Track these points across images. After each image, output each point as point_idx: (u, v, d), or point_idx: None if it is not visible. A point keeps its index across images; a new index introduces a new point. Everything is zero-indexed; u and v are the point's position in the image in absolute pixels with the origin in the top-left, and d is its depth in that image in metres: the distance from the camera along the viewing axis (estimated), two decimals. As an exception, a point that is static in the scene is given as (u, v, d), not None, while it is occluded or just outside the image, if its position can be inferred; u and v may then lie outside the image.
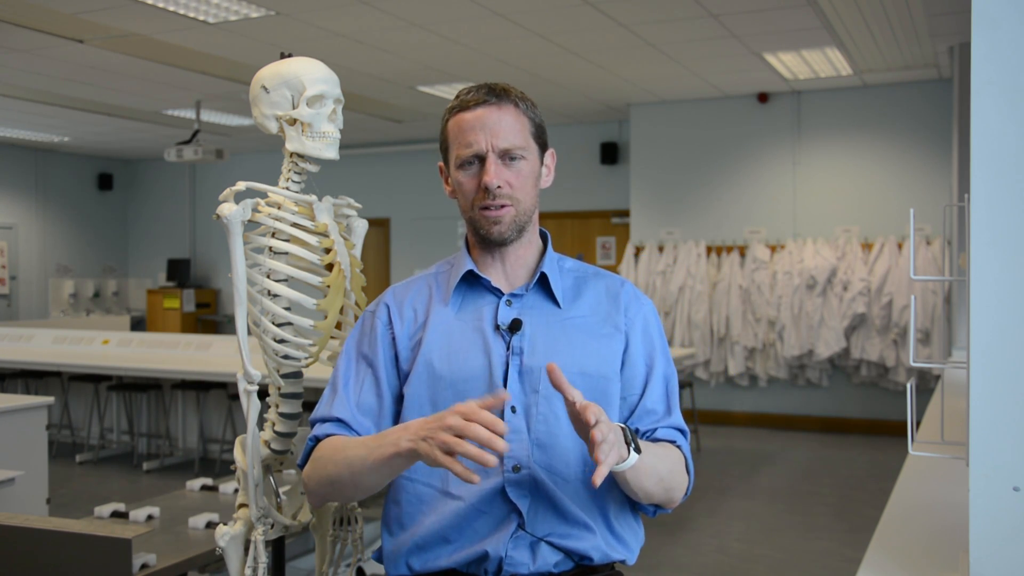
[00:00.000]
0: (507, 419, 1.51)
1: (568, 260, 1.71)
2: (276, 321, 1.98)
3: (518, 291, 1.61)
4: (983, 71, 1.29)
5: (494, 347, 1.56)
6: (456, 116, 1.58)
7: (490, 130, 1.55)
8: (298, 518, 2.11)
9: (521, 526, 1.50)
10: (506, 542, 1.49)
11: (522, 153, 1.57)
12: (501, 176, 1.55)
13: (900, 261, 7.76)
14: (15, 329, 8.02)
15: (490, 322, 1.58)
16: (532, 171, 1.60)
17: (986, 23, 1.28)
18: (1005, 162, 1.28)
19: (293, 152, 1.97)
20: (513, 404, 1.53)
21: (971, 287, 1.29)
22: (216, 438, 6.76)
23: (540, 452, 1.52)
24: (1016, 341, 1.27)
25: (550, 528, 1.52)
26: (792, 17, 5.91)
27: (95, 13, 5.66)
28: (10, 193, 11.58)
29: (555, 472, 1.52)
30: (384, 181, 11.07)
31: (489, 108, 1.56)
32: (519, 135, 1.57)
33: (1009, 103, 1.28)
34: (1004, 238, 1.28)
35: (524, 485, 1.51)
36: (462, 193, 1.59)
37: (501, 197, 1.56)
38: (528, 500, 1.51)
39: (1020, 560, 1.27)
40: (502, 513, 1.51)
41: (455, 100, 1.60)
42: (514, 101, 1.58)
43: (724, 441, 7.72)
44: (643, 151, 8.86)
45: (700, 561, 4.51)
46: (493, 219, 1.57)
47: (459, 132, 1.57)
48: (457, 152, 1.57)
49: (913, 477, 2.35)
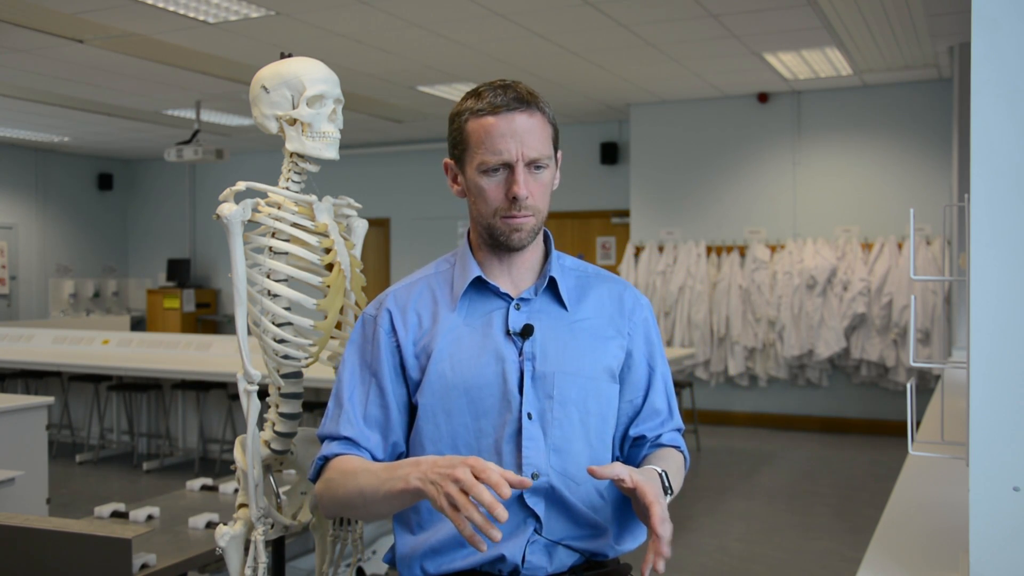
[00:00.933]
0: (524, 426, 1.51)
1: (567, 258, 1.70)
2: (276, 321, 1.98)
3: (526, 295, 1.60)
4: (983, 71, 1.29)
5: (507, 353, 1.54)
6: (482, 119, 1.53)
7: (520, 139, 1.51)
8: (298, 518, 2.11)
9: (538, 531, 1.52)
10: (523, 546, 1.50)
11: (547, 162, 1.56)
12: (529, 187, 1.53)
13: (900, 261, 7.76)
14: (15, 329, 8.02)
15: (500, 328, 1.57)
16: (551, 178, 1.59)
17: (986, 23, 1.28)
18: (1005, 162, 1.28)
19: (293, 152, 1.97)
20: (529, 411, 1.52)
21: (971, 287, 1.29)
22: (216, 438, 6.76)
23: (556, 457, 1.52)
24: (1016, 341, 1.27)
25: (565, 531, 1.53)
26: (792, 17, 5.91)
27: (95, 13, 5.66)
28: (10, 193, 11.58)
29: (569, 476, 1.53)
30: (384, 181, 11.07)
31: (519, 115, 1.52)
32: (547, 145, 1.55)
33: (1009, 103, 1.28)
34: (1004, 238, 1.28)
35: (541, 491, 1.51)
36: (483, 199, 1.55)
37: (527, 208, 1.54)
38: (544, 505, 1.52)
39: (1020, 560, 1.27)
40: (519, 518, 1.51)
41: (478, 101, 1.54)
42: (541, 108, 1.56)
43: (724, 441, 7.72)
44: (643, 151, 8.86)
45: (700, 561, 4.51)
46: (515, 226, 1.55)
47: (486, 137, 1.52)
48: (483, 158, 1.52)
49: (913, 477, 2.35)
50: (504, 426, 1.51)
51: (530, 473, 1.50)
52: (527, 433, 1.51)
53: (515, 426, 1.51)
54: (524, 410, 1.51)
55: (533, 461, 1.50)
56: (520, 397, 1.52)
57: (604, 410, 1.59)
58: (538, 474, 1.50)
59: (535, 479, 1.50)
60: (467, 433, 1.53)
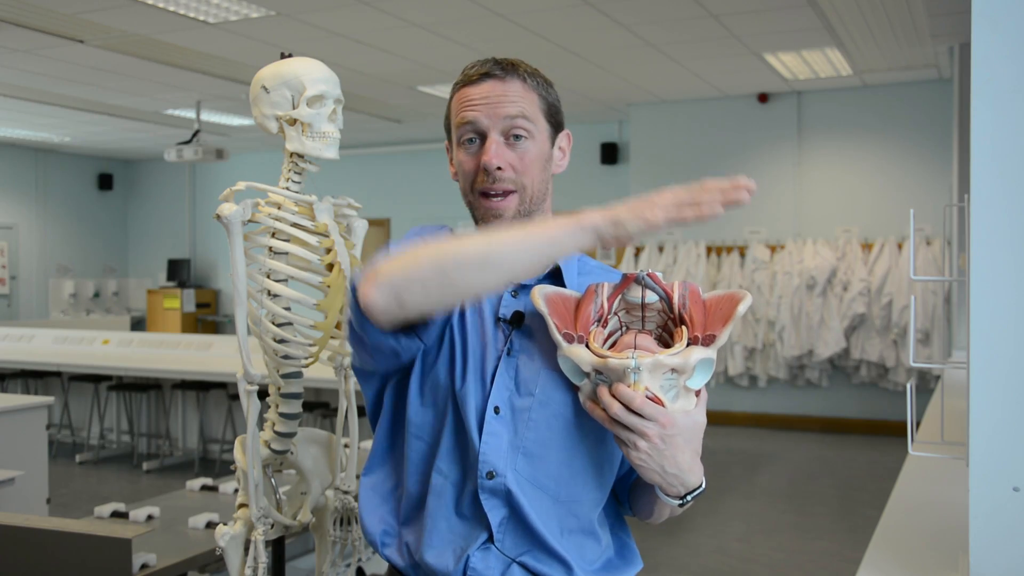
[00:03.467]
0: (488, 419, 1.35)
1: (592, 260, 1.54)
2: (276, 321, 1.98)
3: (528, 281, 1.42)
4: (983, 71, 1.29)
5: (491, 340, 1.40)
6: (460, 91, 1.44)
7: (492, 105, 1.40)
8: (298, 518, 2.11)
9: (490, 539, 1.34)
10: (464, 554, 1.34)
11: (527, 130, 1.41)
12: (503, 157, 1.39)
13: (900, 261, 7.76)
14: (15, 329, 8.02)
15: (491, 313, 1.42)
16: (540, 153, 1.43)
17: (986, 23, 1.28)
18: (1005, 162, 1.28)
19: (293, 152, 1.97)
20: (497, 404, 1.36)
21: (971, 287, 1.29)
22: (216, 438, 6.76)
23: (526, 462, 1.35)
24: (1016, 341, 1.27)
25: (524, 549, 1.35)
26: (792, 17, 5.91)
27: (95, 13, 5.66)
28: (10, 193, 11.58)
29: (540, 487, 1.35)
30: (384, 181, 11.07)
31: (493, 82, 1.41)
32: (524, 110, 1.41)
33: (1009, 103, 1.28)
34: (1004, 238, 1.28)
35: (499, 495, 1.34)
36: (462, 173, 1.44)
37: (503, 181, 1.39)
38: (503, 513, 1.34)
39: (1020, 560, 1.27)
40: (472, 521, 1.35)
41: (461, 74, 1.46)
42: (521, 76, 1.43)
43: (724, 441, 7.72)
44: (643, 151, 8.86)
45: (700, 561, 4.51)
46: (494, 211, 1.41)
47: (460, 107, 1.42)
48: (457, 128, 1.43)
49: (913, 477, 2.35)
50: (474, 414, 1.36)
51: (485, 472, 1.34)
52: (488, 428, 1.34)
53: (482, 417, 1.36)
54: (491, 404, 1.35)
55: (490, 459, 1.33)
56: (490, 388, 1.36)
57: (599, 428, 1.34)
58: (493, 473, 1.33)
59: (490, 479, 1.33)
60: (442, 415, 1.40)
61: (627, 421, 1.23)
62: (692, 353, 1.25)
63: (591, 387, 1.28)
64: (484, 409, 1.35)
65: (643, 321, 1.34)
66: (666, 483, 1.30)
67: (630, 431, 1.24)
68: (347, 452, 2.19)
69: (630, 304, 1.33)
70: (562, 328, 1.30)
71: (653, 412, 1.23)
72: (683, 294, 1.32)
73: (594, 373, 1.26)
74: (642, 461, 1.26)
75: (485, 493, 1.34)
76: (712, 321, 1.30)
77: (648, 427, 1.23)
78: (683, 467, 1.29)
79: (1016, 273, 1.27)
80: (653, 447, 1.25)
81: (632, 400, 1.22)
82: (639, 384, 1.23)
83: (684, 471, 1.30)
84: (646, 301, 1.33)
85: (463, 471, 1.36)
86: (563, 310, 1.34)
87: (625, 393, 1.22)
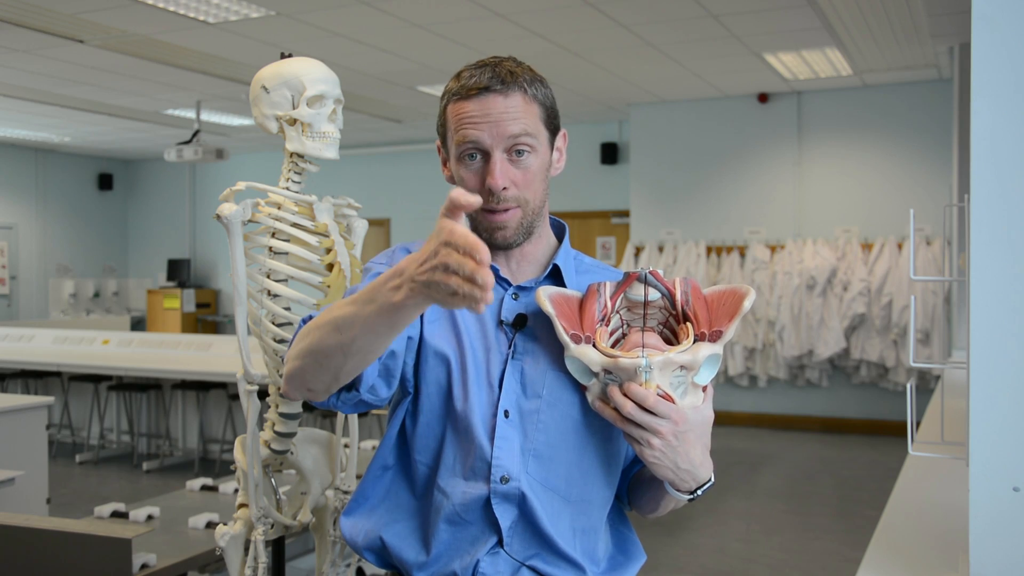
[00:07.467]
0: (498, 424, 1.34)
1: (587, 258, 1.55)
2: (276, 321, 1.98)
3: (527, 283, 1.43)
4: (983, 71, 1.29)
5: (494, 344, 1.39)
6: (458, 104, 1.39)
7: (495, 122, 1.35)
8: (298, 518, 2.11)
9: (500, 543, 1.34)
10: (475, 561, 1.34)
11: (530, 146, 1.38)
12: (507, 176, 1.37)
13: (900, 261, 7.76)
14: (15, 329, 8.02)
15: (493, 316, 1.41)
16: (541, 164, 1.41)
17: (986, 23, 1.28)
18: (1005, 162, 1.28)
19: (293, 152, 1.97)
20: (507, 408, 1.35)
21: (971, 287, 1.29)
22: (216, 438, 6.76)
23: (537, 464, 1.35)
24: (1016, 341, 1.27)
25: (534, 551, 1.35)
26: (792, 17, 5.91)
27: (95, 13, 5.66)
28: (10, 193, 11.58)
29: (552, 488, 1.36)
30: (384, 181, 11.07)
31: (494, 97, 1.36)
32: (530, 125, 1.38)
33: (1009, 103, 1.28)
34: (1004, 238, 1.28)
35: (512, 499, 1.34)
36: (463, 187, 1.38)
37: (506, 200, 1.37)
38: (514, 516, 1.34)
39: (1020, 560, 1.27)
40: (480, 527, 1.35)
41: (455, 82, 1.40)
42: (522, 86, 1.38)
43: (724, 441, 7.72)
44: (643, 151, 8.86)
45: (700, 561, 4.51)
46: (497, 224, 1.39)
47: (460, 123, 1.38)
48: (458, 145, 1.38)
49: (913, 477, 2.35)
50: (482, 421, 1.36)
51: (499, 476, 1.33)
52: (500, 432, 1.34)
53: (492, 422, 1.35)
54: (501, 407, 1.35)
55: (504, 463, 1.33)
56: (499, 392, 1.36)
57: (606, 426, 1.37)
58: (508, 478, 1.33)
59: (504, 483, 1.33)
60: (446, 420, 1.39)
61: (641, 420, 1.24)
62: (700, 349, 1.26)
63: (600, 387, 1.29)
64: (493, 414, 1.35)
65: (645, 318, 1.34)
66: (678, 479, 1.31)
67: (643, 429, 1.25)
68: (347, 452, 2.19)
69: (632, 302, 1.34)
70: (569, 329, 1.31)
71: (666, 410, 1.24)
72: (685, 291, 1.33)
73: (603, 373, 1.27)
74: (656, 459, 1.27)
75: (497, 498, 1.33)
76: (717, 317, 1.30)
77: (662, 425, 1.24)
78: (695, 462, 1.30)
79: (1016, 273, 1.27)
80: (667, 444, 1.26)
81: (645, 399, 1.23)
82: (650, 382, 1.24)
83: (696, 466, 1.31)
84: (649, 299, 1.33)
85: (465, 482, 1.35)
86: (567, 310, 1.34)
87: (638, 392, 1.23)
